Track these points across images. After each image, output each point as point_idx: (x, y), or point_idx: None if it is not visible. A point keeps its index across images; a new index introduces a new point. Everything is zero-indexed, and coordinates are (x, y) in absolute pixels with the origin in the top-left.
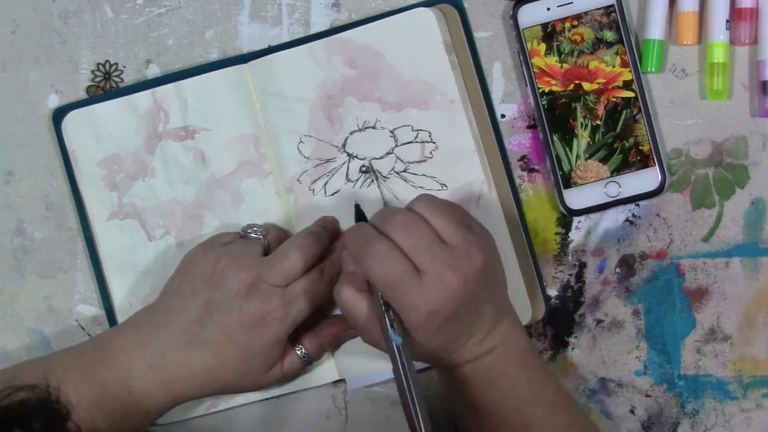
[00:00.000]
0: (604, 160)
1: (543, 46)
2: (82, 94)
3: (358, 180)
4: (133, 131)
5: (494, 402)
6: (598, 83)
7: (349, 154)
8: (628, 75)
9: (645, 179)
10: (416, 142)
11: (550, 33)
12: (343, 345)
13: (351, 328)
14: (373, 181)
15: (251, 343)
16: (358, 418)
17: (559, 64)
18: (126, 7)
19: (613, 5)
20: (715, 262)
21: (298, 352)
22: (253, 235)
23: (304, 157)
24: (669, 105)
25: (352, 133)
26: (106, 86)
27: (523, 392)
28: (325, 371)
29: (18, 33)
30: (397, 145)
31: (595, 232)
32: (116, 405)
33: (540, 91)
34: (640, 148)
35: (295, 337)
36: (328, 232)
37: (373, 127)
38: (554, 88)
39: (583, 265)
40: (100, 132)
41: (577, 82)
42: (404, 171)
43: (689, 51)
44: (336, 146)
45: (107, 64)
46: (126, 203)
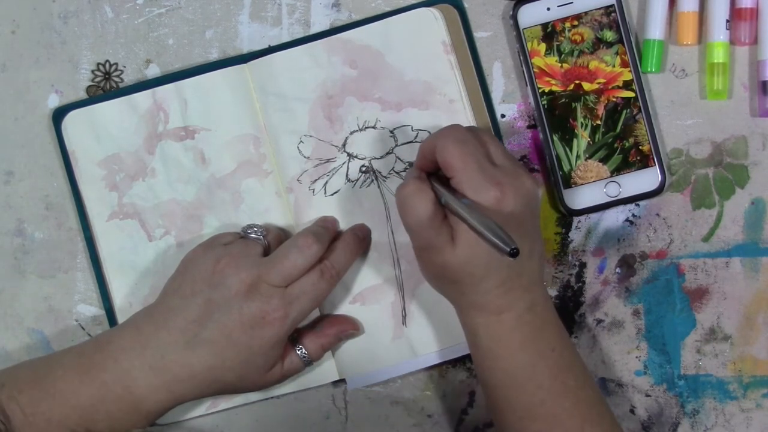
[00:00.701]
0: (604, 160)
1: (543, 46)
2: (82, 94)
3: (358, 180)
4: (133, 131)
5: (531, 366)
6: (598, 83)
7: (349, 154)
8: (628, 75)
9: (645, 179)
10: (416, 142)
11: (550, 33)
12: (343, 345)
13: (351, 328)
14: (373, 181)
15: (251, 343)
16: (358, 418)
17: (559, 64)
18: (126, 7)
19: (613, 5)
20: (715, 262)
21: (298, 352)
22: (253, 235)
23: (304, 157)
24: (669, 105)
25: (352, 133)
26: (106, 86)
27: (558, 358)
28: (325, 371)
29: (18, 33)
30: (397, 145)
31: (595, 232)
32: (116, 405)
33: (540, 91)
34: (640, 148)
35: (295, 337)
36: (328, 232)
37: (373, 127)
38: (554, 88)
39: (583, 265)
40: (100, 132)
41: (577, 82)
42: (404, 171)
43: (689, 51)
44: (336, 146)
45: (107, 64)
46: (126, 203)
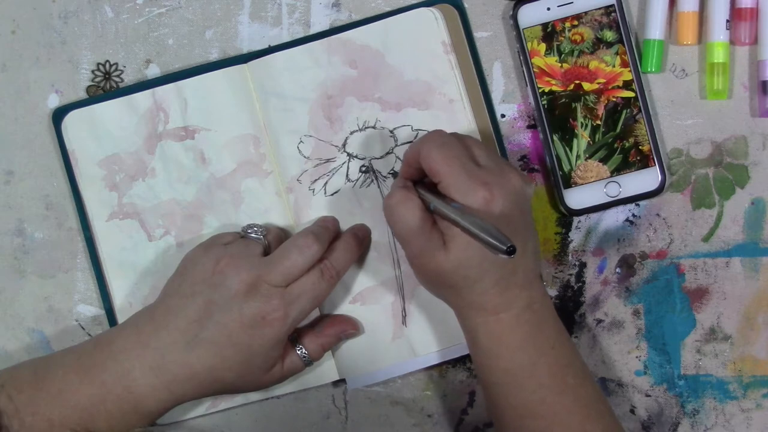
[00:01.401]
0: (604, 160)
1: (543, 46)
2: (82, 94)
3: (358, 180)
4: (133, 131)
5: (530, 365)
6: (598, 83)
7: (349, 154)
8: (628, 75)
9: (645, 179)
10: None
11: (550, 33)
12: (343, 345)
13: (351, 328)
14: (373, 181)
15: (251, 343)
16: (358, 418)
17: (559, 64)
18: (126, 7)
19: (613, 5)
20: (715, 261)
21: (299, 352)
22: (253, 235)
23: (304, 157)
24: (669, 105)
25: (352, 133)
26: (106, 86)
27: (557, 355)
28: (325, 371)
29: (18, 33)
30: (397, 145)
31: (595, 232)
32: (116, 405)
33: (540, 91)
34: (640, 148)
35: (295, 337)
36: (328, 232)
37: (373, 127)
38: (554, 88)
39: (583, 265)
40: (100, 132)
41: (577, 82)
42: None
43: (689, 51)
44: (336, 146)
45: (107, 64)
46: (126, 203)
